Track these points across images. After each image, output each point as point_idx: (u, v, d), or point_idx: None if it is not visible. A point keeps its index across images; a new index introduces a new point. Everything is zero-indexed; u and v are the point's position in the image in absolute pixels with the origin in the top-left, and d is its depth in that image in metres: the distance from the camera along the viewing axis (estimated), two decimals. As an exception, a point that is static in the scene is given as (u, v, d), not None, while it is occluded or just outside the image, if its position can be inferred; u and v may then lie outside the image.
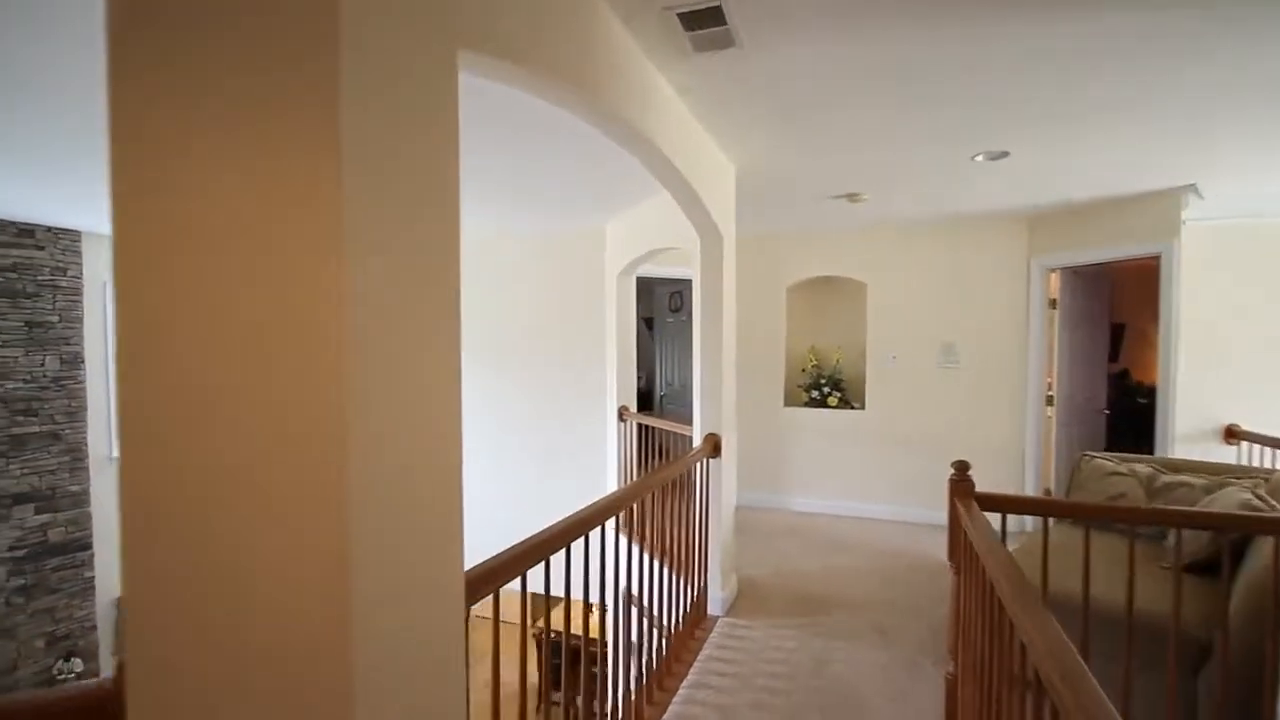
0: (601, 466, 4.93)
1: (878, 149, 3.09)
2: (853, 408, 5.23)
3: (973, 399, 4.80)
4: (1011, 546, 1.93)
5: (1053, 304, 4.62)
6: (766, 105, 2.57)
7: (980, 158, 3.20)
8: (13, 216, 4.67)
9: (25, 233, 4.82)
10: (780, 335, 5.41)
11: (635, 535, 4.45)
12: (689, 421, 3.60)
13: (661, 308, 7.05)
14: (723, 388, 3.22)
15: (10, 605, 4.72)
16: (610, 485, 4.83)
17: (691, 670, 2.68)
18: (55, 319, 4.99)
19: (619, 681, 2.30)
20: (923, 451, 4.88)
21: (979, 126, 2.81)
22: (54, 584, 4.97)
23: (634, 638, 3.07)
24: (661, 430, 4.45)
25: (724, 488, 3.24)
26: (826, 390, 5.28)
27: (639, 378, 8.60)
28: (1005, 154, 3.16)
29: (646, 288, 7.03)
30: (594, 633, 3.39)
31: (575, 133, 2.95)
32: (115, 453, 5.43)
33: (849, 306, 5.48)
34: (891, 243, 5.03)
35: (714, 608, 3.18)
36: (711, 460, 3.17)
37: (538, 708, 7.04)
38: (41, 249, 4.91)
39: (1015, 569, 1.47)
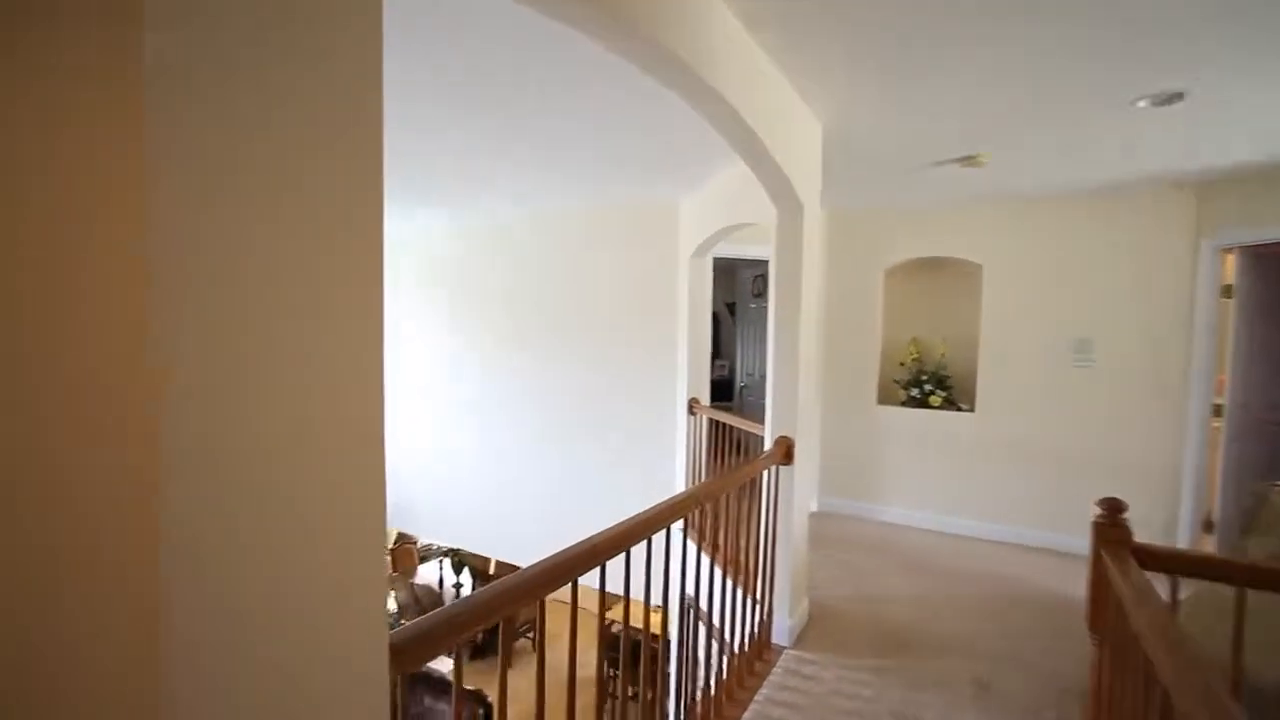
0: (671, 460, 4.59)
1: (1007, 94, 2.49)
2: (959, 409, 4.56)
3: (1112, 405, 4.01)
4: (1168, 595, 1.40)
5: (1227, 292, 3.75)
6: (863, 39, 2.08)
7: (1143, 103, 2.51)
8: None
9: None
10: (875, 325, 4.81)
11: (699, 539, 4.11)
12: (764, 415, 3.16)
13: (744, 292, 6.57)
14: (798, 384, 2.77)
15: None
16: (678, 481, 4.48)
17: (746, 713, 2.30)
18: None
19: (678, 696, 1.97)
20: (1044, 464, 4.16)
21: (1146, 58, 2.17)
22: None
23: (695, 651, 2.75)
24: (735, 425, 4.04)
25: (796, 500, 2.80)
26: (928, 388, 4.63)
27: (720, 366, 8.18)
28: (1178, 96, 2.45)
29: (729, 270, 6.57)
30: (655, 629, 3.11)
31: (644, 93, 2.61)
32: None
33: (959, 293, 4.77)
34: (1015, 217, 4.28)
35: (779, 636, 2.77)
36: (782, 468, 2.74)
37: (607, 704, 6.89)
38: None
39: (1197, 671, 0.99)
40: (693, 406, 4.28)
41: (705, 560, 3.85)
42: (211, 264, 0.64)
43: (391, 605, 8.09)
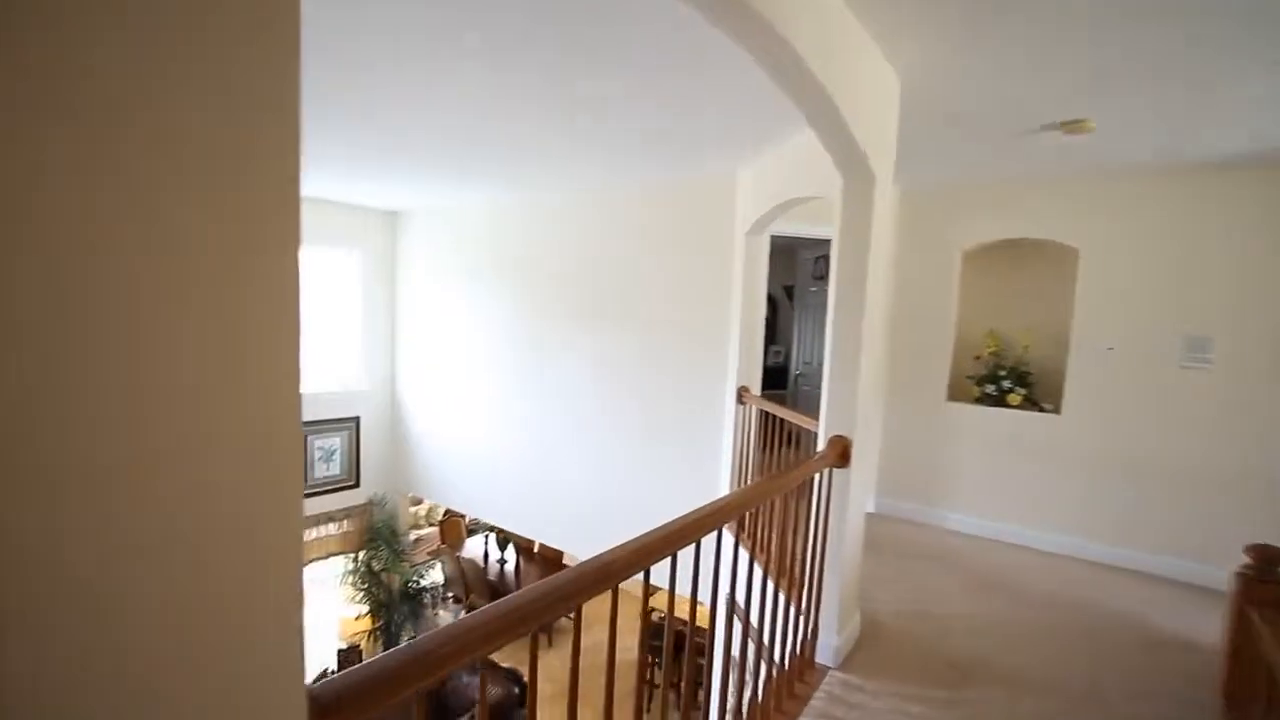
0: (717, 449, 4.34)
1: (1127, 40, 2.07)
2: (1042, 409, 4.10)
3: (1231, 413, 3.48)
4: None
5: (1387, 286, 3.16)
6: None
7: (1309, 50, 2.05)
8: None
9: (194, 184, 5.18)
10: (949, 313, 4.37)
11: (738, 533, 3.86)
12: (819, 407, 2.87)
13: (805, 274, 6.17)
14: (859, 378, 2.46)
15: (179, 521, 5.26)
16: (724, 474, 4.23)
17: (783, 743, 2.06)
18: (219, 266, 5.37)
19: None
20: (1142, 476, 3.67)
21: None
22: (214, 507, 5.47)
23: (734, 652, 2.53)
24: (786, 419, 3.74)
25: (851, 507, 2.51)
26: (1007, 385, 4.18)
27: (776, 353, 7.81)
28: (1359, 43, 1.98)
29: (788, 251, 6.18)
30: (701, 621, 2.92)
31: (700, 56, 2.34)
32: (269, 392, 5.84)
33: (1049, 280, 4.27)
34: (1122, 195, 3.75)
35: (824, 656, 2.51)
36: (836, 470, 2.45)
37: (642, 692, 6.81)
38: (208, 200, 5.27)
39: None
40: (742, 395, 4.00)
41: (746, 557, 3.60)
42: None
43: (439, 577, 8.23)
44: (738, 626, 2.41)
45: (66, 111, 0.48)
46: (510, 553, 8.62)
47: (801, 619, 2.44)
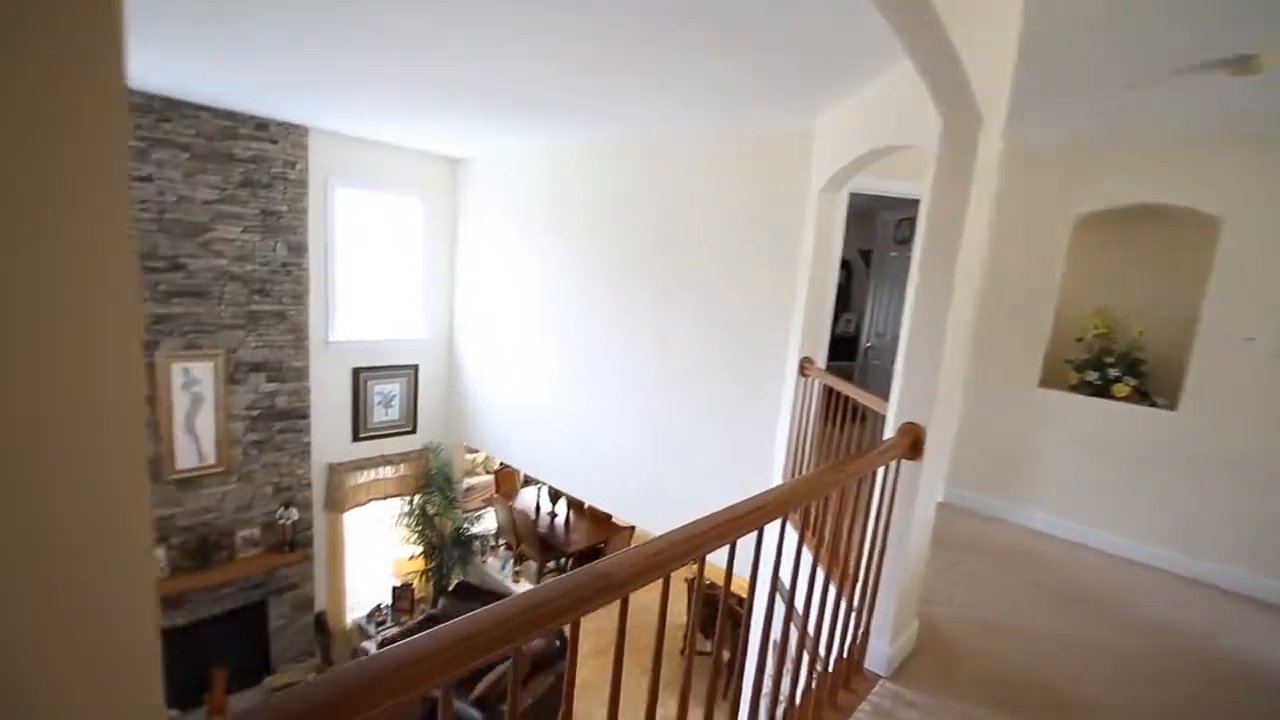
0: (774, 422, 4.06)
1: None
2: (1153, 403, 3.58)
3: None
4: None
5: None
6: None
7: None
8: (252, 111, 5.04)
9: (261, 127, 5.21)
10: (1051, 287, 3.85)
11: (793, 517, 3.61)
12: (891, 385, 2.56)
13: (885, 237, 5.67)
14: (941, 358, 2.13)
15: (247, 455, 5.51)
16: (778, 450, 3.96)
17: (821, 760, 1.86)
18: (285, 209, 5.45)
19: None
20: (1273, 489, 3.15)
21: None
22: (279, 443, 5.70)
23: (776, 635, 2.35)
24: (851, 396, 3.41)
25: (919, 505, 2.21)
26: (1114, 373, 3.67)
27: (846, 321, 7.32)
28: None
29: (867, 212, 5.68)
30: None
31: None
32: (331, 337, 5.97)
33: (1175, 254, 3.68)
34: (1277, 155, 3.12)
35: (874, 663, 2.26)
36: (906, 462, 2.15)
37: (682, 650, 6.82)
38: (275, 143, 5.30)
39: None
40: (804, 367, 3.68)
41: (794, 537, 3.38)
42: None
43: (491, 525, 8.42)
44: (781, 610, 2.21)
45: None
46: (561, 506, 8.70)
47: (853, 618, 2.20)
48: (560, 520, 8.66)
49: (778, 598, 2.93)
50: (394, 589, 6.67)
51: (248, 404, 5.44)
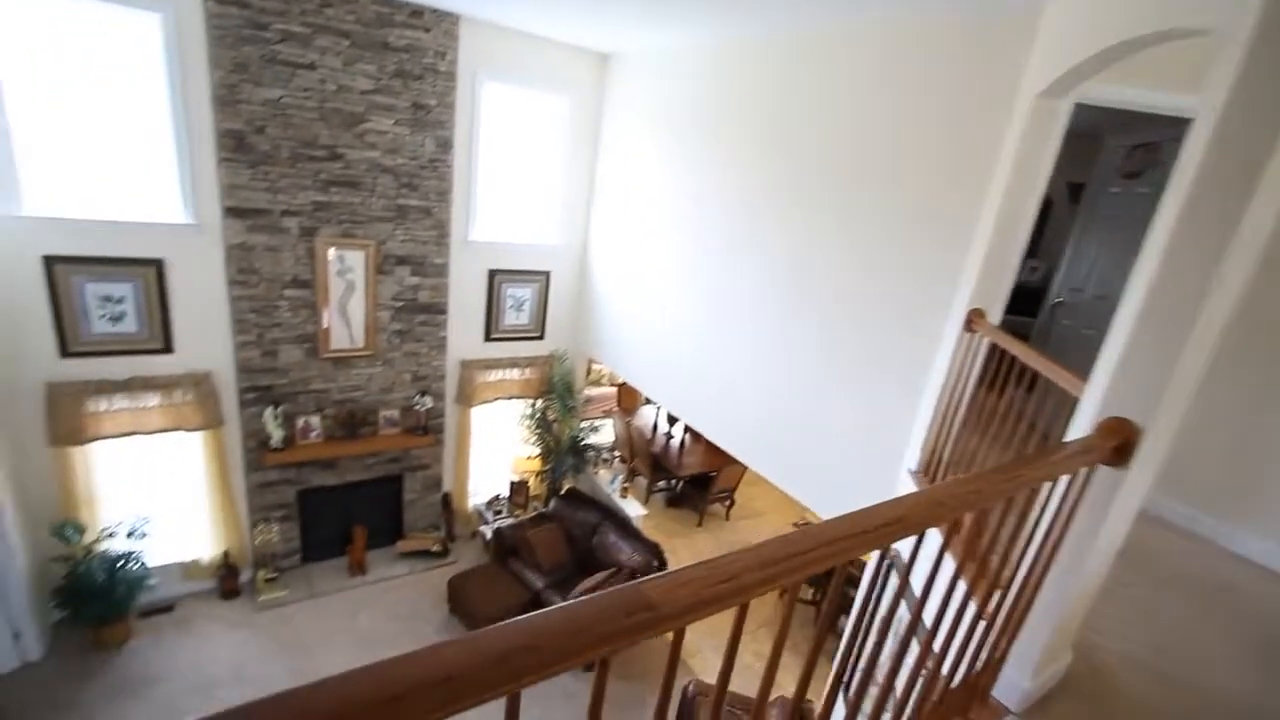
0: (922, 380, 3.48)
1: None
2: None
3: None
4: None
5: None
6: None
7: None
8: (407, -3, 4.95)
9: (415, 14, 5.12)
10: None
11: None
12: (1085, 356, 1.97)
13: (1107, 168, 4.52)
14: (1186, 340, 1.52)
15: (390, 343, 5.88)
16: (924, 412, 3.40)
17: (920, 802, 1.54)
18: (434, 102, 5.43)
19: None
20: None
21: None
22: (418, 335, 6.03)
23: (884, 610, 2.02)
24: (1034, 367, 2.75)
25: (1110, 523, 1.69)
26: None
27: (1032, 269, 6.17)
28: None
29: (1087, 133, 4.53)
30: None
31: None
32: (471, 236, 6.07)
33: None
34: None
35: (1006, 694, 1.85)
36: (1105, 469, 1.62)
37: (782, 593, 6.64)
38: (427, 31, 5.22)
39: None
40: (973, 321, 3.03)
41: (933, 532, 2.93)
42: None
43: (608, 437, 8.58)
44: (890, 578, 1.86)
45: None
46: (679, 429, 8.65)
47: (990, 634, 1.79)
48: (675, 443, 8.63)
49: (884, 555, 2.55)
50: (511, 483, 7.06)
51: (393, 295, 5.75)
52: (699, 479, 8.18)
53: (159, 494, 5.24)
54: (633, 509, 6.55)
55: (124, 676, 4.70)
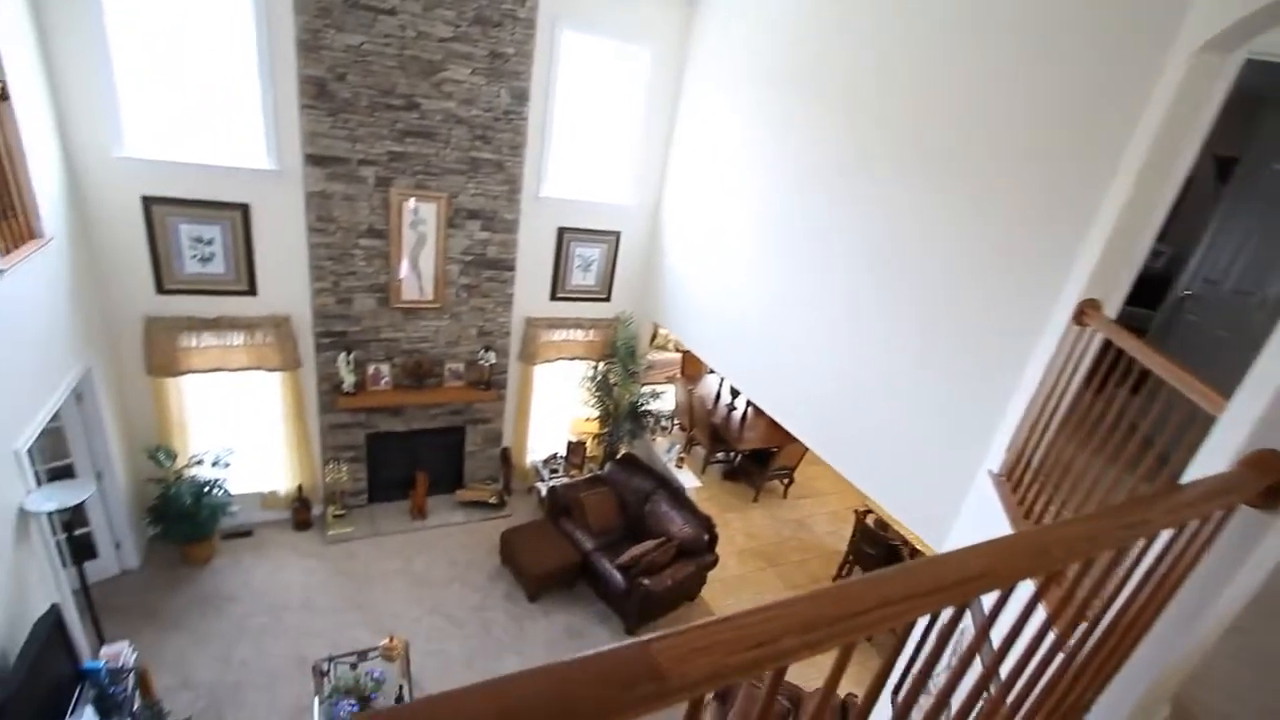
0: (1013, 377, 3.11)
1: None
2: None
3: None
4: None
5: None
6: None
7: None
8: (488, -64, 4.77)
9: (496, -46, 4.95)
10: None
11: (1011, 497, 2.85)
12: (1214, 361, 1.64)
13: (1271, 141, 3.85)
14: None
15: (458, 297, 5.93)
16: (1012, 415, 3.06)
17: None
18: (511, 50, 5.29)
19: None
20: None
21: None
22: (485, 290, 6.04)
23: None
24: (1159, 373, 2.37)
25: (1247, 572, 1.40)
26: None
27: (1155, 254, 5.44)
28: None
29: (1249, 100, 3.85)
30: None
31: None
32: (542, 192, 5.97)
33: None
34: None
35: (1091, 750, 1.62)
36: (1248, 509, 1.33)
37: (834, 578, 6.39)
38: (507, -26, 5.04)
39: None
40: (1084, 313, 2.65)
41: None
42: None
43: (669, 403, 8.46)
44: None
45: None
46: (741, 401, 8.42)
47: (1072, 674, 1.56)
48: (737, 415, 8.42)
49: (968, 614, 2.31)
50: (569, 443, 7.09)
51: (462, 249, 5.76)
52: (759, 454, 7.97)
53: (241, 428, 5.57)
54: (687, 480, 6.45)
55: (206, 591, 5.10)
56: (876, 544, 6.01)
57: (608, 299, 6.76)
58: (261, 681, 4.44)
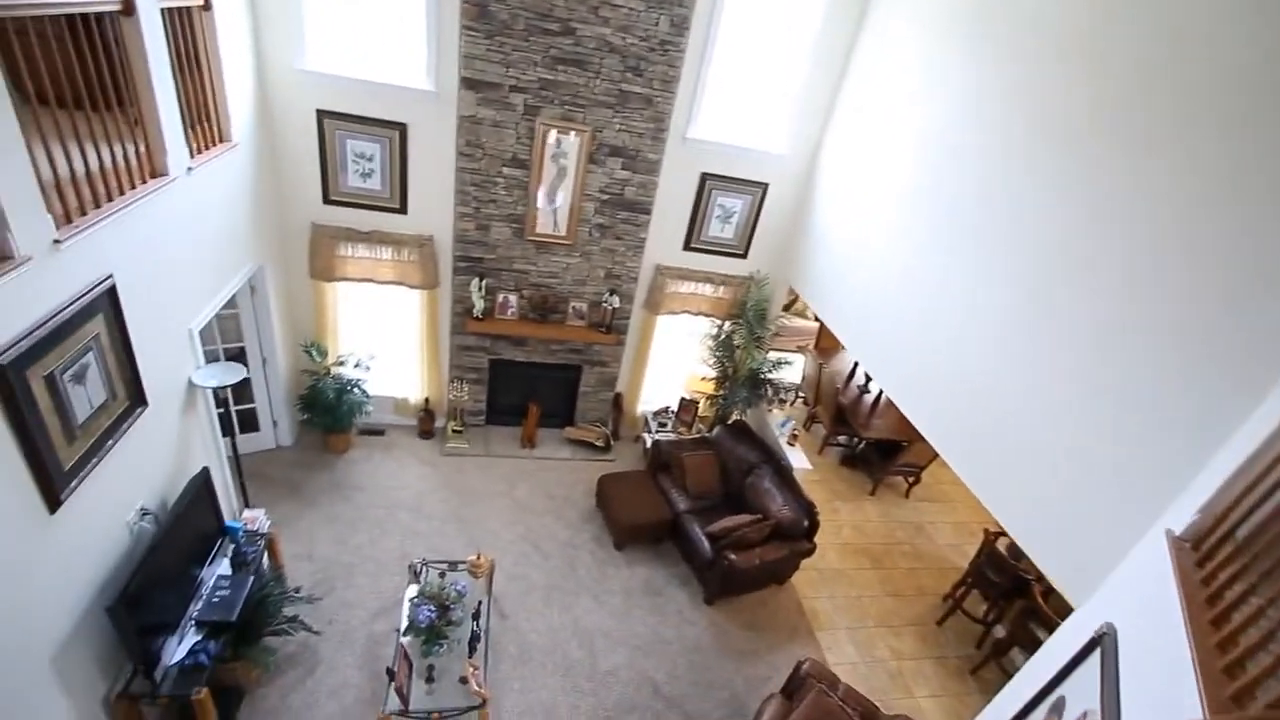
0: (1222, 423, 2.39)
1: None
2: None
3: None
4: None
5: None
6: None
7: None
8: None
9: None
10: None
11: (1184, 561, 2.25)
12: None
13: None
14: None
15: (590, 236, 5.85)
16: (1205, 477, 2.36)
17: None
18: (675, -26, 4.89)
19: None
20: None
21: None
22: (619, 232, 5.90)
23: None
24: None
25: None
26: None
27: None
28: None
29: None
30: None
31: None
32: (689, 133, 5.62)
33: None
34: None
35: None
36: None
37: (945, 597, 5.75)
38: (682, -112, 4.59)
39: None
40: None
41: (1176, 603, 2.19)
42: None
43: (793, 375, 7.96)
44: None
45: None
46: (876, 386, 7.71)
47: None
48: (869, 399, 7.75)
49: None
50: (681, 399, 6.93)
51: (601, 186, 5.62)
52: (885, 445, 7.29)
53: (383, 337, 6.02)
54: (797, 460, 6.04)
55: (339, 478, 5.68)
56: (1003, 572, 5.28)
57: (744, 255, 6.34)
58: (370, 568, 4.90)
